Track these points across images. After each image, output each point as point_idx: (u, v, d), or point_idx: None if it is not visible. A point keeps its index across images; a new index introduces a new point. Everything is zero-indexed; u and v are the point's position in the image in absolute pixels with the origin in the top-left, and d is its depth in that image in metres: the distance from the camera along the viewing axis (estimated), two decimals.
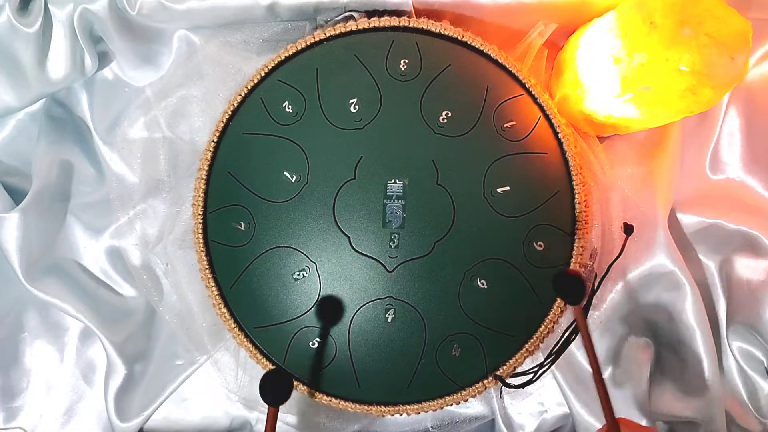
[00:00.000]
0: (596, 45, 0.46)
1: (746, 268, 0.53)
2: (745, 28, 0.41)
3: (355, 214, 0.46)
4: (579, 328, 0.39)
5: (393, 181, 0.46)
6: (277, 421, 0.54)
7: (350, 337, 0.46)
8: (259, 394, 0.40)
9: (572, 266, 0.46)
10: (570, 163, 0.46)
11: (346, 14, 0.49)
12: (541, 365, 0.47)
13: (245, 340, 0.47)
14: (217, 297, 0.47)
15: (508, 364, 0.46)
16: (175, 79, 0.53)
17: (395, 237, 0.46)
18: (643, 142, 0.53)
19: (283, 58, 0.47)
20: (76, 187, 0.56)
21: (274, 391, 0.40)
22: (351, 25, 0.47)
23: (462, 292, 0.46)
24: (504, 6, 0.49)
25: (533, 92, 0.47)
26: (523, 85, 0.47)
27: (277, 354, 0.47)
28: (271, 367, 0.47)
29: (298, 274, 0.46)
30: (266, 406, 0.41)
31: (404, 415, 0.47)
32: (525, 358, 0.46)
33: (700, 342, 0.50)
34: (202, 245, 0.47)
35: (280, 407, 0.49)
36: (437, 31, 0.47)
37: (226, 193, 0.47)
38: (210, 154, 0.47)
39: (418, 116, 0.46)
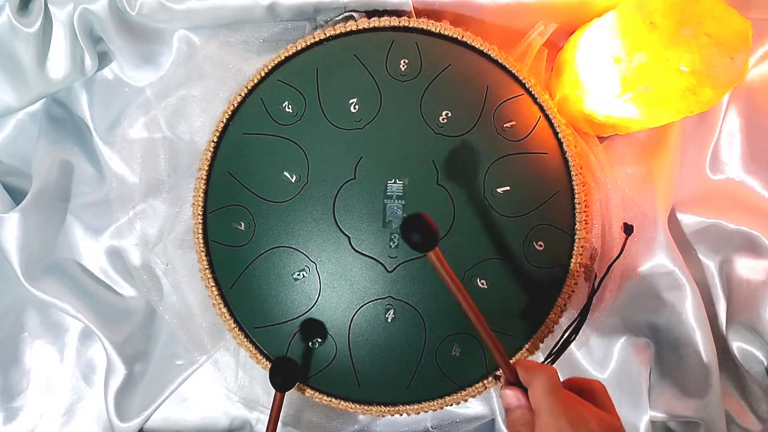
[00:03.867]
0: (596, 45, 0.46)
1: (746, 268, 0.53)
2: (745, 28, 0.41)
3: (355, 214, 0.46)
4: (437, 270, 0.35)
5: (393, 181, 0.46)
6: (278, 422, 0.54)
7: (350, 337, 0.46)
8: (269, 384, 0.44)
9: (572, 266, 0.46)
10: (570, 163, 0.46)
11: (346, 14, 0.49)
12: None
13: (245, 340, 0.47)
14: (217, 297, 0.47)
15: None
16: (175, 79, 0.53)
17: (395, 237, 0.46)
18: (643, 142, 0.53)
19: (283, 58, 0.48)
20: (76, 187, 0.56)
21: (282, 376, 0.44)
22: (351, 25, 0.47)
23: None
24: (504, 6, 0.49)
25: (533, 92, 0.47)
26: (523, 85, 0.47)
27: (277, 354, 0.47)
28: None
29: (298, 274, 0.46)
30: (267, 405, 0.41)
31: (404, 415, 0.47)
32: (525, 358, 0.46)
33: (700, 342, 0.50)
34: (202, 245, 0.47)
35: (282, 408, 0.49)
36: (437, 31, 0.47)
37: (226, 193, 0.47)
38: (210, 154, 0.47)
39: (418, 116, 0.46)
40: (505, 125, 0.46)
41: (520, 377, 0.36)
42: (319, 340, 0.46)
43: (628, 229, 0.48)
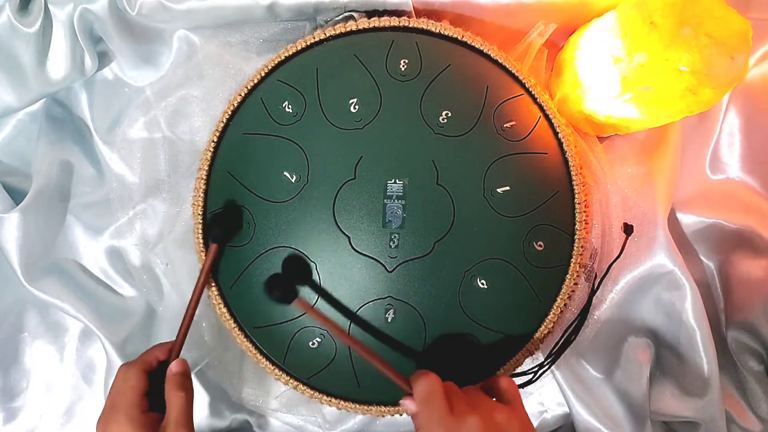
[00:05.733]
0: (596, 45, 0.46)
1: (746, 268, 0.53)
2: (745, 28, 0.41)
3: (355, 214, 0.46)
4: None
5: (393, 181, 0.46)
6: (277, 422, 0.54)
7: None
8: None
9: (572, 266, 0.46)
10: (570, 163, 0.46)
11: (346, 14, 0.49)
12: (541, 365, 0.47)
13: (245, 340, 0.47)
14: (217, 297, 0.47)
15: (508, 364, 0.46)
16: (175, 79, 0.53)
17: (395, 237, 0.46)
18: (643, 142, 0.53)
19: (283, 58, 0.47)
20: (76, 187, 0.56)
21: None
22: (351, 25, 0.47)
23: (462, 292, 0.46)
24: (504, 6, 0.49)
25: (533, 92, 0.47)
26: (523, 85, 0.47)
27: (277, 354, 0.47)
28: (271, 367, 0.47)
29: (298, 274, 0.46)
30: (267, 405, 0.41)
31: (404, 415, 0.47)
32: (525, 358, 0.46)
33: (700, 342, 0.50)
34: (202, 245, 0.47)
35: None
36: (437, 31, 0.47)
37: (226, 193, 0.47)
38: (210, 154, 0.47)
39: (418, 116, 0.46)
40: (505, 125, 0.46)
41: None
42: (318, 340, 0.46)
43: (628, 229, 0.48)
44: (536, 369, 0.47)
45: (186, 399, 0.41)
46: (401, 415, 0.47)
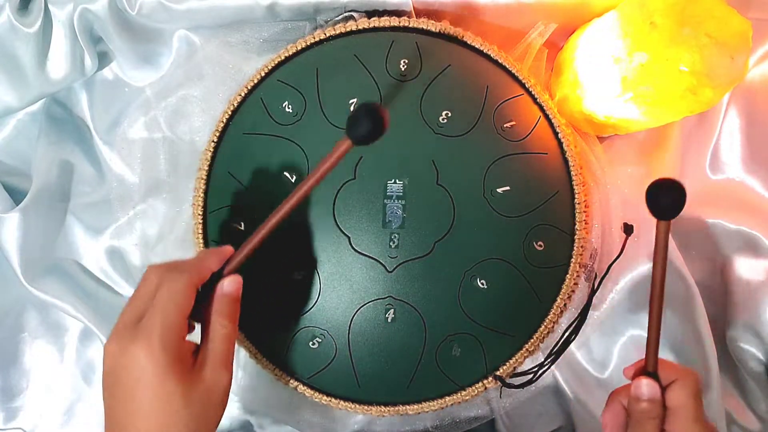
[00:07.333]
0: (596, 45, 0.46)
1: (746, 268, 0.53)
2: (745, 28, 0.41)
3: (355, 214, 0.46)
4: (657, 247, 0.35)
5: (393, 181, 0.46)
6: (278, 422, 0.54)
7: (350, 337, 0.46)
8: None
9: (572, 266, 0.46)
10: (570, 163, 0.46)
11: (346, 14, 0.49)
12: (541, 365, 0.47)
13: (245, 340, 0.47)
14: None
15: (508, 364, 0.46)
16: (175, 79, 0.53)
17: (395, 237, 0.46)
18: (643, 142, 0.53)
19: (283, 58, 0.48)
20: (76, 187, 0.56)
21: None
22: (351, 25, 0.47)
23: (462, 292, 0.46)
24: (504, 6, 0.49)
25: (533, 92, 0.47)
26: (523, 85, 0.47)
27: (277, 354, 0.47)
28: (272, 366, 0.47)
29: (298, 274, 0.46)
30: (267, 405, 0.40)
31: (404, 415, 0.47)
32: (525, 358, 0.46)
33: (700, 342, 0.50)
34: (202, 245, 0.47)
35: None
36: (437, 31, 0.47)
37: (226, 193, 0.47)
38: (210, 154, 0.47)
39: (418, 116, 0.46)
40: (505, 125, 0.46)
41: (659, 373, 0.36)
42: (319, 340, 0.46)
43: (628, 229, 0.48)
44: (536, 369, 0.47)
45: (232, 330, 0.34)
46: (401, 414, 0.47)
